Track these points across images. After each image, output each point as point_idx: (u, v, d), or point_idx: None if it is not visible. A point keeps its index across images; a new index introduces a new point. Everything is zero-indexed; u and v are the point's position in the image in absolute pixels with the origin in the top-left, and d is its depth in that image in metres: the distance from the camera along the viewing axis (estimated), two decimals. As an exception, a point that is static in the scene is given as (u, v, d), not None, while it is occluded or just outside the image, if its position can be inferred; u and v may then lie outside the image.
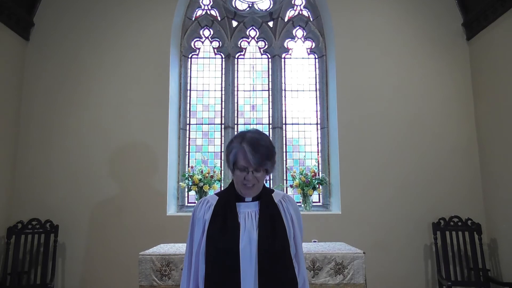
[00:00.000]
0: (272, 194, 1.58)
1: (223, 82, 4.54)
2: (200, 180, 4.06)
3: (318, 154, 4.45)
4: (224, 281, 1.42)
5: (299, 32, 4.63)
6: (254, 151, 1.40)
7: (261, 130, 1.58)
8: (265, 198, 1.53)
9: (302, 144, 4.49)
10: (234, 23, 4.61)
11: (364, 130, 4.11)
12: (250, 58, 4.64)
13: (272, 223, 1.48)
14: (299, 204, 4.12)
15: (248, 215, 1.49)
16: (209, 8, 4.62)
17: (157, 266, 2.72)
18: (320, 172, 4.34)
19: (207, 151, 4.45)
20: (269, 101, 4.54)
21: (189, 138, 4.46)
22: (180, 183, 4.22)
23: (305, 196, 4.11)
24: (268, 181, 4.26)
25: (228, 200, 1.52)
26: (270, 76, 4.58)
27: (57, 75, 4.12)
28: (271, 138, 4.38)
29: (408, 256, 3.92)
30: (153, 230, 3.83)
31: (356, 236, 3.79)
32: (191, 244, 1.54)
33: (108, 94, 4.11)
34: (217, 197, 1.57)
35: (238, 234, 1.44)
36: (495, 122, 3.84)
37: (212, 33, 4.60)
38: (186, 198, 4.34)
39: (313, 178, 4.14)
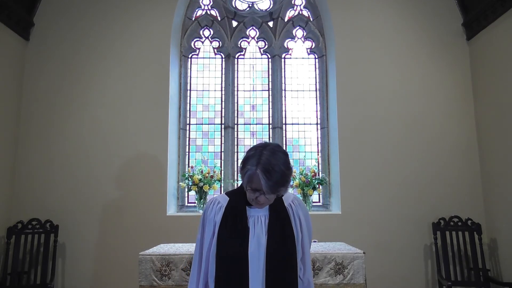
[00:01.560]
0: (282, 197, 1.56)
1: (223, 82, 4.54)
2: (200, 180, 4.06)
3: (318, 154, 4.45)
4: (233, 284, 1.43)
5: (299, 32, 4.63)
6: (268, 179, 1.36)
7: (279, 146, 1.47)
8: (275, 202, 1.51)
9: (302, 144, 4.49)
10: (234, 23, 4.61)
11: (364, 130, 4.11)
12: (250, 58, 4.63)
13: (281, 228, 1.49)
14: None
15: (257, 219, 1.49)
16: (209, 8, 4.62)
17: (157, 266, 2.72)
18: (320, 172, 4.34)
19: (207, 151, 4.45)
20: (269, 101, 4.54)
21: (189, 138, 4.46)
22: (180, 183, 4.22)
23: (305, 196, 4.11)
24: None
25: (239, 203, 1.52)
26: (270, 76, 4.58)
27: (57, 75, 4.12)
28: (271, 139, 4.39)
29: (408, 256, 3.92)
30: (153, 230, 3.83)
31: (356, 236, 3.79)
32: (202, 244, 1.54)
33: (108, 94, 4.12)
34: (228, 198, 1.56)
35: (247, 238, 1.45)
36: (495, 122, 3.84)
37: (212, 33, 4.60)
38: (186, 198, 4.33)
39: (313, 178, 4.14)
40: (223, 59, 4.59)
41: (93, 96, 4.11)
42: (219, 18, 4.60)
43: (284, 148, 4.28)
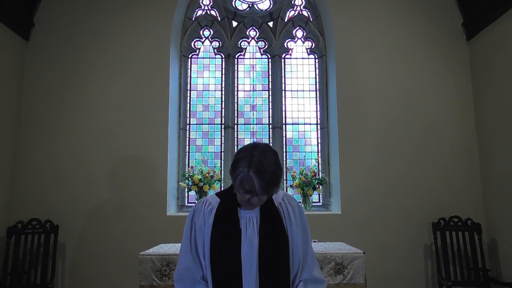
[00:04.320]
0: (273, 197, 1.56)
1: (223, 82, 4.54)
2: (200, 180, 4.06)
3: (318, 154, 4.45)
4: (227, 286, 1.43)
5: (299, 32, 4.63)
6: (261, 180, 1.35)
7: (268, 146, 1.48)
8: (265, 203, 1.51)
9: (302, 144, 4.49)
10: (234, 23, 4.61)
11: (364, 130, 4.11)
12: (250, 58, 4.63)
13: (272, 229, 1.49)
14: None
15: (249, 220, 1.49)
16: (209, 8, 4.62)
17: (157, 266, 2.72)
18: (320, 172, 4.34)
19: (207, 151, 4.45)
20: (269, 101, 4.54)
21: (189, 138, 4.46)
22: (180, 183, 4.22)
23: (305, 196, 4.11)
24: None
25: (230, 205, 1.52)
26: (270, 76, 4.58)
27: (57, 75, 4.12)
28: (271, 139, 4.40)
29: (408, 256, 3.92)
30: (153, 230, 3.83)
31: (356, 236, 3.79)
32: (189, 239, 1.54)
33: (108, 94, 4.11)
34: (219, 200, 1.55)
35: (239, 241, 1.45)
36: (495, 122, 3.84)
37: (212, 33, 4.60)
38: (186, 198, 4.34)
39: (313, 178, 4.13)
40: (223, 59, 4.59)
41: (93, 96, 4.11)
42: (219, 18, 4.60)
43: (285, 148, 4.37)
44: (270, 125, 4.49)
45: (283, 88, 4.55)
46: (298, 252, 1.53)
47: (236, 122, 4.50)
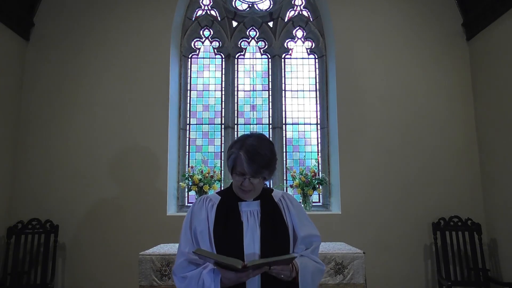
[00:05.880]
0: (272, 194, 1.64)
1: (223, 82, 4.54)
2: (200, 180, 4.06)
3: (318, 154, 4.45)
4: None
5: (299, 32, 4.63)
6: (250, 160, 1.42)
7: (264, 135, 1.57)
8: (265, 198, 1.59)
9: (302, 144, 4.49)
10: (234, 23, 4.61)
11: (364, 130, 4.11)
12: (250, 58, 4.63)
13: (273, 221, 1.54)
14: (299, 204, 4.12)
15: (250, 213, 1.54)
16: (209, 8, 4.62)
17: (157, 266, 2.72)
18: (320, 172, 4.34)
19: (207, 151, 4.45)
20: (269, 101, 4.54)
21: (189, 138, 4.46)
22: (180, 183, 4.23)
23: (305, 196, 4.11)
24: (268, 181, 4.26)
25: (230, 199, 1.57)
26: (270, 76, 4.58)
27: (57, 75, 4.12)
28: (271, 138, 4.39)
29: (408, 256, 3.92)
30: (153, 230, 3.83)
31: (356, 236, 3.80)
32: (189, 234, 1.55)
33: (108, 94, 4.11)
34: (219, 197, 1.60)
35: (242, 232, 1.49)
36: (495, 122, 3.84)
37: (212, 33, 4.61)
38: (186, 198, 4.34)
39: (313, 178, 4.13)
40: (223, 59, 4.59)
41: (93, 96, 4.11)
42: (219, 18, 4.60)
43: (285, 148, 4.37)
44: (270, 125, 4.49)
45: (283, 88, 4.55)
46: (301, 229, 1.58)
47: (236, 122, 4.50)
